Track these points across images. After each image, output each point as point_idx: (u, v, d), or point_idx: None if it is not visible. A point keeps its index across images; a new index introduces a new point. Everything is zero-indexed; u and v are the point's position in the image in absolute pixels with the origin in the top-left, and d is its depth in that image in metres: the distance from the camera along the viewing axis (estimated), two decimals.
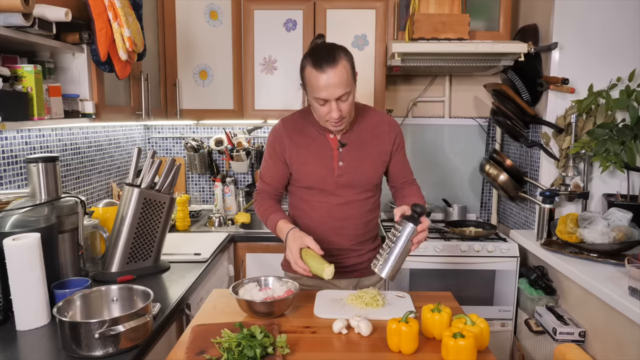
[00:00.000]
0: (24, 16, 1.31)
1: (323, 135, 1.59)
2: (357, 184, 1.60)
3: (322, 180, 1.58)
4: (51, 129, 1.98)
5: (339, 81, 1.40)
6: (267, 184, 1.67)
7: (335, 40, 1.57)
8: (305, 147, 1.59)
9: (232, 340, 1.14)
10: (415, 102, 2.92)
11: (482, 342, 1.18)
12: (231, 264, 2.42)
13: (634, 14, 2.16)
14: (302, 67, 1.48)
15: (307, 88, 1.49)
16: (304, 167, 1.59)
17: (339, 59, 1.41)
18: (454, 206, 2.81)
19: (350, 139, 1.59)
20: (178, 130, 3.01)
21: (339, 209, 1.61)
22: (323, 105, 1.45)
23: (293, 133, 1.60)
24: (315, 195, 1.61)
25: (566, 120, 2.21)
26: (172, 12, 2.54)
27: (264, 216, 1.60)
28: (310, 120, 1.61)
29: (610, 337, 1.70)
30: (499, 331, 2.41)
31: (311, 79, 1.43)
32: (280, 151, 1.60)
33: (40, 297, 1.32)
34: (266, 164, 1.66)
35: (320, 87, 1.41)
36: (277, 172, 1.64)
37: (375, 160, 1.61)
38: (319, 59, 1.41)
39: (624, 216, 1.89)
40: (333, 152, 1.58)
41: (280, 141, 1.60)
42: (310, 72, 1.43)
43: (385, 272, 1.35)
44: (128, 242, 1.70)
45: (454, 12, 2.39)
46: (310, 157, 1.58)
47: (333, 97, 1.42)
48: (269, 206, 1.61)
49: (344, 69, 1.41)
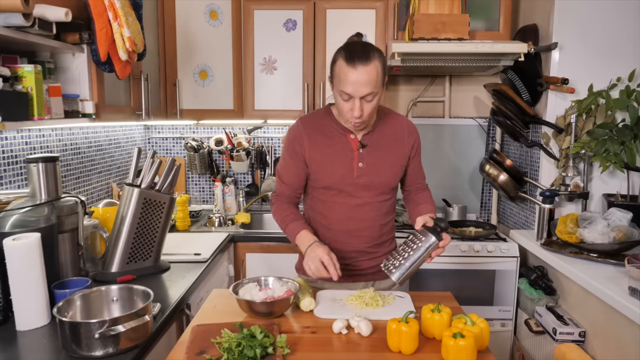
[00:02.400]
0: (24, 16, 1.31)
1: (344, 135, 1.57)
2: (376, 186, 1.59)
3: (341, 181, 1.57)
4: (51, 129, 1.98)
5: (368, 79, 1.39)
6: (286, 185, 1.63)
7: (334, 41, 1.57)
8: (325, 146, 1.57)
9: (232, 340, 1.14)
10: (415, 102, 2.92)
11: (482, 342, 1.18)
12: (231, 264, 2.42)
13: (634, 14, 2.16)
14: (334, 60, 1.46)
15: (334, 80, 1.47)
16: (323, 167, 1.57)
17: (373, 58, 1.40)
18: (454, 206, 2.80)
19: (371, 141, 1.58)
20: (178, 130, 3.01)
21: (356, 210, 1.60)
22: (347, 100, 1.44)
23: (312, 132, 1.58)
24: (333, 196, 1.60)
25: (566, 120, 2.21)
26: (172, 12, 2.54)
27: (284, 223, 1.58)
28: (331, 120, 1.59)
29: (610, 337, 1.70)
30: (499, 331, 2.41)
31: (341, 73, 1.42)
32: (300, 151, 1.58)
33: (40, 297, 1.32)
34: (285, 164, 1.63)
35: (348, 82, 1.40)
36: (297, 172, 1.60)
37: (394, 163, 1.61)
38: (352, 54, 1.40)
39: (624, 216, 1.89)
40: (353, 152, 1.56)
41: (300, 141, 1.58)
42: (342, 65, 1.41)
43: (397, 277, 1.35)
44: (128, 242, 1.70)
45: (454, 12, 2.39)
46: (330, 156, 1.57)
47: (358, 95, 1.41)
48: (289, 213, 1.58)
49: (375, 69, 1.40)
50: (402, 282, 1.37)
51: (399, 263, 1.36)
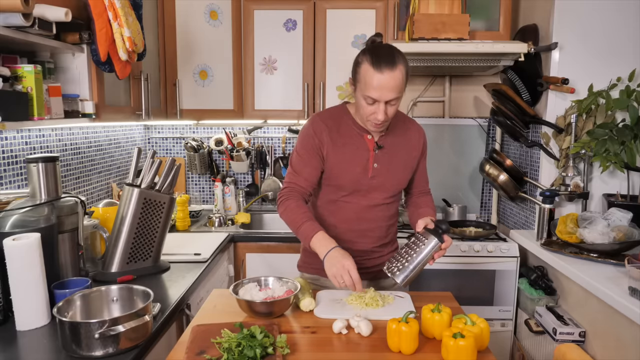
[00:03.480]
0: (24, 16, 1.31)
1: (361, 135, 1.57)
2: (388, 187, 1.59)
3: (356, 181, 1.56)
4: (51, 129, 1.98)
5: (394, 85, 1.39)
6: (304, 179, 1.55)
7: (335, 41, 1.57)
8: (343, 145, 1.56)
9: (232, 340, 1.14)
10: (415, 102, 2.92)
11: (482, 342, 1.18)
12: (231, 264, 2.42)
13: (634, 14, 2.16)
14: (358, 62, 1.45)
15: (357, 84, 1.46)
16: (340, 165, 1.56)
17: (398, 63, 1.40)
18: (454, 206, 2.80)
19: (386, 142, 1.58)
20: (178, 130, 3.01)
21: (367, 211, 1.60)
22: (371, 104, 1.44)
23: (332, 129, 1.57)
24: (345, 196, 1.59)
25: (566, 120, 2.21)
26: (172, 12, 2.54)
27: (296, 222, 1.49)
28: (349, 119, 1.59)
29: (610, 337, 1.70)
30: (499, 331, 2.41)
31: (366, 77, 1.41)
32: (319, 145, 1.55)
33: (40, 297, 1.32)
34: (301, 159, 1.57)
35: (374, 87, 1.40)
36: (315, 166, 1.56)
37: (406, 165, 1.62)
38: (379, 58, 1.40)
39: (624, 216, 1.89)
40: (369, 153, 1.56)
41: (320, 136, 1.55)
42: (367, 69, 1.41)
43: (401, 279, 1.35)
44: (128, 242, 1.70)
45: (454, 12, 2.39)
46: (347, 155, 1.56)
47: (384, 99, 1.41)
48: (301, 212, 1.49)
49: (401, 74, 1.41)
50: (406, 284, 1.37)
51: (402, 265, 1.37)
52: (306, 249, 1.68)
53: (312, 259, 1.66)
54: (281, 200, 1.55)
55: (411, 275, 1.36)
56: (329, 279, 1.63)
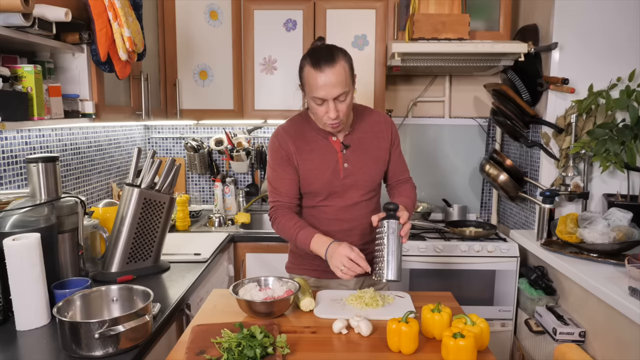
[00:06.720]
0: (24, 16, 1.31)
1: (326, 138, 1.59)
2: (362, 184, 1.60)
3: (329, 184, 1.58)
4: (51, 129, 1.98)
5: (337, 81, 1.41)
6: (284, 194, 1.59)
7: (335, 41, 1.57)
8: (310, 152, 1.58)
9: (232, 340, 1.14)
10: (415, 102, 2.92)
11: (482, 342, 1.18)
12: (231, 264, 2.42)
13: (634, 14, 2.16)
14: (301, 67, 1.48)
15: (305, 88, 1.49)
16: (310, 173, 1.58)
17: (338, 59, 1.42)
18: (454, 206, 2.81)
19: (353, 140, 1.59)
20: (178, 130, 3.01)
21: (346, 210, 1.61)
22: (321, 105, 1.46)
23: (296, 139, 1.58)
24: (322, 200, 1.61)
25: (566, 120, 2.21)
26: (172, 12, 2.54)
27: (292, 234, 1.53)
28: (311, 125, 1.60)
29: (610, 337, 1.70)
30: (499, 331, 2.41)
31: (309, 79, 1.43)
32: (288, 156, 1.58)
33: (40, 297, 1.32)
34: (276, 174, 1.60)
35: (319, 86, 1.42)
36: (291, 178, 1.59)
37: (378, 159, 1.62)
38: (317, 58, 1.42)
39: (624, 216, 1.89)
40: (337, 154, 1.58)
41: (286, 147, 1.58)
42: (309, 71, 1.43)
43: (390, 274, 1.36)
44: (128, 242, 1.70)
45: (454, 12, 2.39)
46: (316, 161, 1.57)
47: (331, 97, 1.42)
48: (293, 223, 1.53)
49: (342, 69, 1.42)
50: (398, 276, 1.37)
51: (383, 263, 1.37)
52: (292, 250, 1.73)
53: (299, 260, 1.70)
54: (272, 221, 1.62)
55: (395, 265, 1.36)
56: (320, 280, 1.65)
